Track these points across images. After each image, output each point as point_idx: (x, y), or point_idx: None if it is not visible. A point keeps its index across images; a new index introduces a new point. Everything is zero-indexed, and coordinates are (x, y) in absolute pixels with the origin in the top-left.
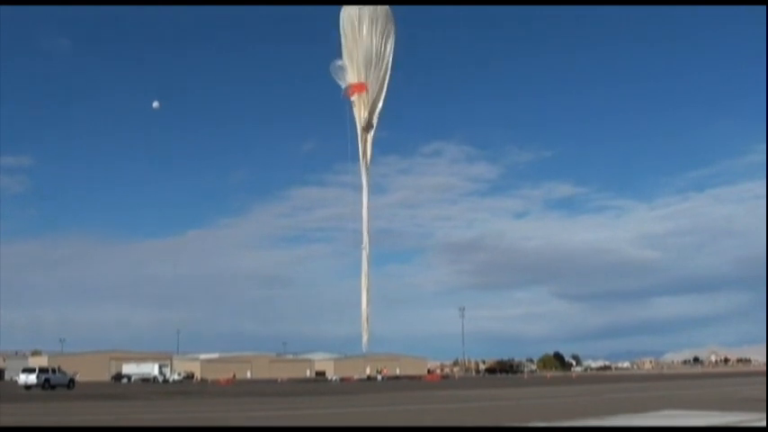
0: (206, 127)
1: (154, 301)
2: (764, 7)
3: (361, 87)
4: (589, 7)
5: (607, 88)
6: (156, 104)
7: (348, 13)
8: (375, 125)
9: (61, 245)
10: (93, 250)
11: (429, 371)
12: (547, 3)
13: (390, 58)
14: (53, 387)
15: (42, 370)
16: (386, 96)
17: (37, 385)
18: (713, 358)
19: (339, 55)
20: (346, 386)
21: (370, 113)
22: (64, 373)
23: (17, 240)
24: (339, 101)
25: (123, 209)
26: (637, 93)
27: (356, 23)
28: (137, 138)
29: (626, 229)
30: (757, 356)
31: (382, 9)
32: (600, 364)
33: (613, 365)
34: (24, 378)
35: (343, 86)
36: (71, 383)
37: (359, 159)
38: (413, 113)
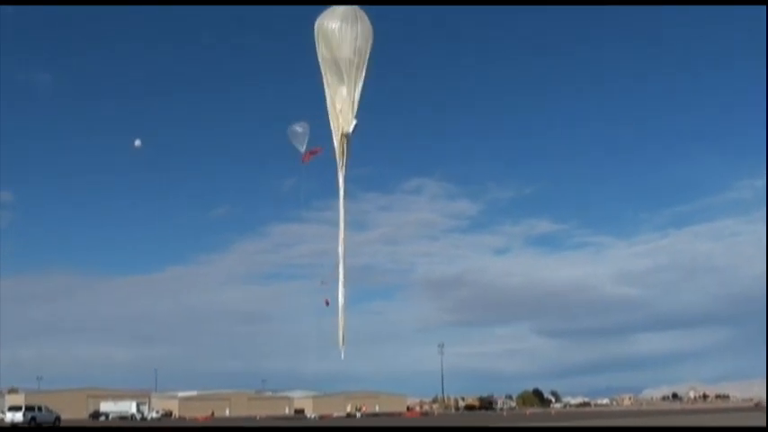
0: (187, 164)
1: (132, 338)
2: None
3: (315, 152)
4: (566, 45)
5: (587, 126)
6: (137, 143)
7: (324, 22)
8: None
9: (40, 281)
10: (71, 286)
11: (408, 408)
12: (524, 43)
13: (367, 58)
14: (39, 425)
15: (29, 408)
16: (361, 96)
17: (23, 424)
18: (692, 394)
19: (318, 78)
20: (325, 424)
21: (345, 119)
22: (50, 412)
23: None
24: (320, 139)
25: (103, 245)
26: (617, 130)
27: (334, 26)
28: (117, 174)
29: (606, 265)
30: (736, 393)
31: (356, 10)
32: (579, 400)
33: (592, 402)
34: (11, 416)
35: (302, 150)
36: (57, 421)
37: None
38: (394, 150)
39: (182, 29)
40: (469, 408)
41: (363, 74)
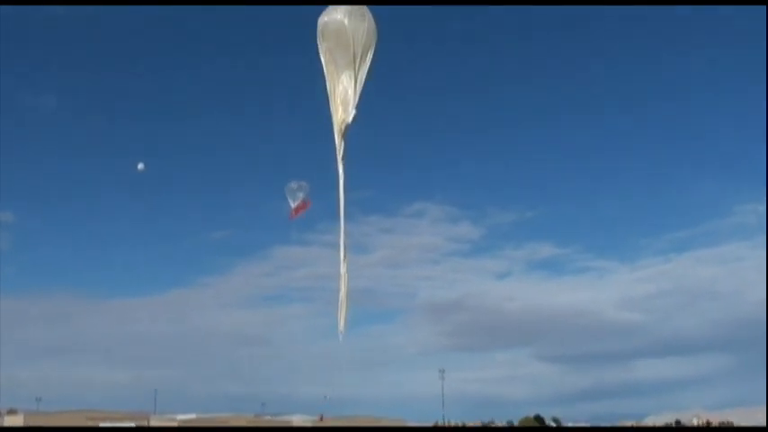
0: (188, 186)
1: (132, 360)
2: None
3: (303, 207)
4: (569, 71)
5: (589, 150)
6: (140, 166)
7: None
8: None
9: (40, 302)
10: (72, 308)
11: None
12: (528, 70)
13: (371, 52)
14: None
15: None
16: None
17: None
18: (695, 421)
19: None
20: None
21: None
22: None
23: None
24: (322, 161)
25: (104, 267)
26: (619, 155)
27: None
28: (119, 196)
29: (608, 290)
30: (740, 420)
31: (362, 8)
32: (580, 426)
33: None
34: None
35: (293, 206)
36: None
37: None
38: (396, 173)
39: (186, 51)
40: None
41: (367, 66)
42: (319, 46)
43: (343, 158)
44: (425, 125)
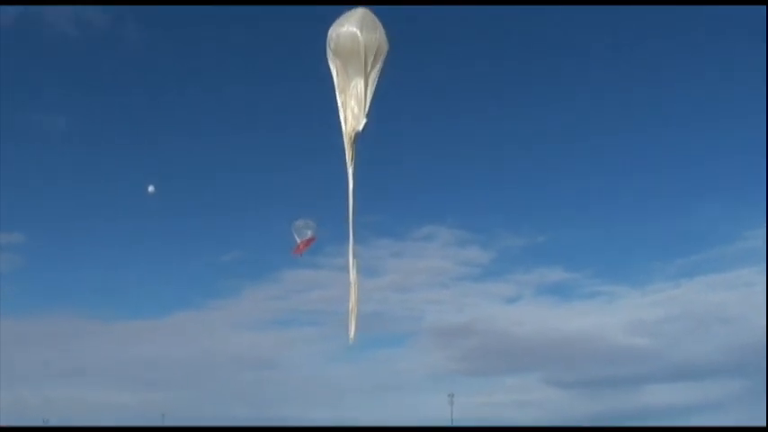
0: (198, 209)
1: (139, 383)
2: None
3: (308, 243)
4: (577, 96)
5: (600, 175)
6: (151, 189)
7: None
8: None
9: (48, 323)
10: (79, 329)
11: None
12: (537, 94)
13: (382, 59)
14: None
15: None
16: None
17: None
18: None
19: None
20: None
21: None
22: None
23: (3, 318)
24: (331, 183)
25: (113, 289)
26: (630, 180)
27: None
28: (128, 218)
29: (618, 315)
30: None
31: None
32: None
33: None
34: None
35: (298, 241)
36: None
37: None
38: (406, 197)
39: (198, 73)
40: None
41: (378, 74)
42: (329, 56)
43: (352, 163)
44: (436, 148)
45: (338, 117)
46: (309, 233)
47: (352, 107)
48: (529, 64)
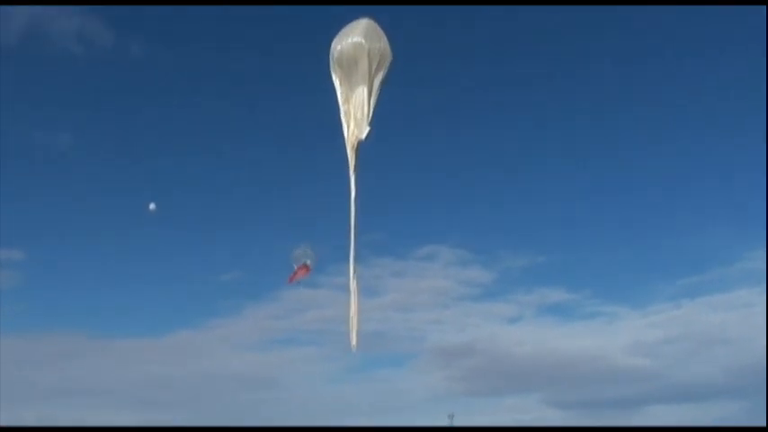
0: (199, 227)
1: (138, 402)
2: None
3: (303, 271)
4: (577, 116)
5: (601, 195)
6: (152, 206)
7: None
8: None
9: (46, 341)
10: (78, 348)
11: None
12: (538, 113)
13: (386, 68)
14: None
15: None
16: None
17: None
18: None
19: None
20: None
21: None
22: None
23: (1, 336)
24: (332, 204)
25: (112, 307)
26: (631, 200)
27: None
28: (128, 236)
29: (618, 335)
30: None
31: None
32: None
33: None
34: None
35: (295, 267)
36: None
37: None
38: (408, 216)
39: (199, 90)
40: None
41: (381, 82)
42: (332, 66)
43: (355, 170)
44: (438, 168)
45: (341, 126)
46: (308, 262)
47: (356, 115)
48: (531, 84)
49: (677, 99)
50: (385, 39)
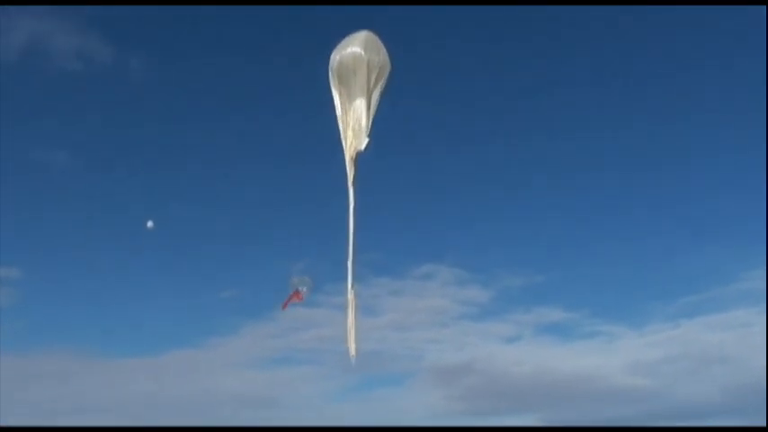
0: (196, 246)
1: (137, 421)
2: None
3: (298, 296)
4: (576, 134)
5: (599, 215)
6: (150, 224)
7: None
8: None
9: (43, 360)
10: (74, 367)
11: None
12: (536, 131)
13: (385, 78)
14: None
15: None
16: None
17: None
18: None
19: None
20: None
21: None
22: None
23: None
24: (331, 222)
25: (110, 325)
26: (629, 220)
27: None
28: (127, 255)
29: (617, 355)
30: None
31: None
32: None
33: None
34: None
35: (291, 291)
36: None
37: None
38: (405, 235)
39: (199, 108)
40: None
41: (380, 93)
42: (331, 78)
43: (353, 183)
44: (436, 187)
45: (339, 137)
46: (303, 289)
47: (354, 127)
48: (531, 101)
49: (674, 116)
50: (384, 51)
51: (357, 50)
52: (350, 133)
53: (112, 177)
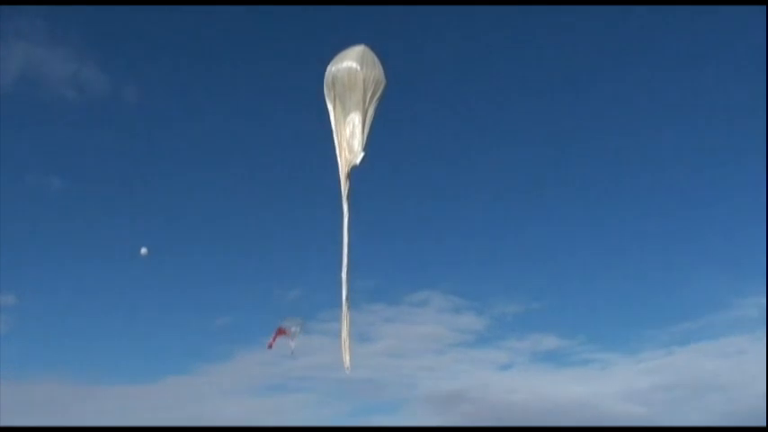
0: (191, 273)
1: None
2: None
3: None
4: (562, 167)
5: (594, 242)
6: (144, 251)
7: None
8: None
9: (38, 387)
10: (70, 394)
11: None
12: (528, 158)
13: (380, 93)
14: None
15: None
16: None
17: None
18: None
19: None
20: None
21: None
22: None
23: None
24: (326, 246)
25: (103, 353)
26: (623, 247)
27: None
28: (121, 281)
29: (611, 383)
30: None
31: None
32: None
33: None
34: None
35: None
36: None
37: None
38: (400, 261)
39: (193, 137)
40: None
41: (376, 107)
42: (327, 92)
43: (348, 197)
44: (431, 214)
45: (334, 152)
46: (292, 329)
47: (349, 141)
48: (526, 125)
49: (669, 134)
50: (380, 65)
51: (353, 65)
52: (345, 147)
53: (107, 205)
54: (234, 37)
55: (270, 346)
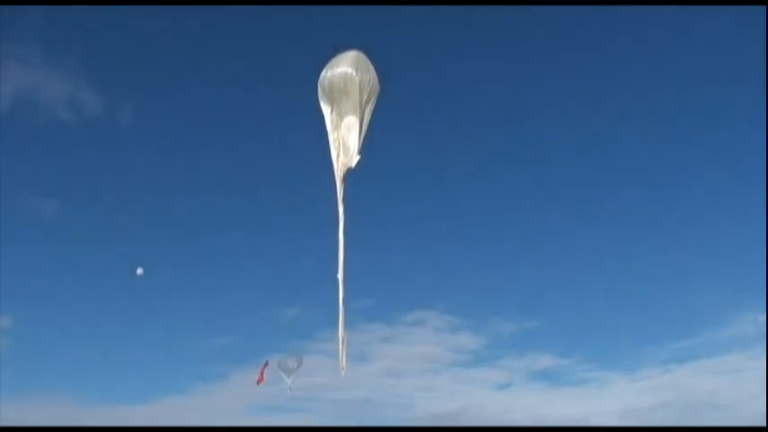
0: (187, 293)
1: None
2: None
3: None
4: (558, 182)
5: (590, 260)
6: (139, 271)
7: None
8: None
9: (33, 408)
10: (66, 415)
11: None
12: (521, 173)
13: (376, 96)
14: None
15: None
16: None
17: None
18: None
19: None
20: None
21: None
22: None
23: None
24: (323, 266)
25: (100, 374)
26: (619, 264)
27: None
28: (117, 301)
29: (609, 401)
30: None
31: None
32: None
33: None
34: None
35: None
36: None
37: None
38: (396, 281)
39: (187, 156)
40: None
41: (371, 110)
42: (321, 97)
43: (343, 200)
44: (427, 232)
45: (329, 155)
46: (292, 364)
47: (345, 143)
48: (523, 139)
49: (671, 171)
50: (374, 70)
51: (348, 70)
52: (340, 150)
53: (102, 226)
54: (228, 58)
55: (259, 383)
